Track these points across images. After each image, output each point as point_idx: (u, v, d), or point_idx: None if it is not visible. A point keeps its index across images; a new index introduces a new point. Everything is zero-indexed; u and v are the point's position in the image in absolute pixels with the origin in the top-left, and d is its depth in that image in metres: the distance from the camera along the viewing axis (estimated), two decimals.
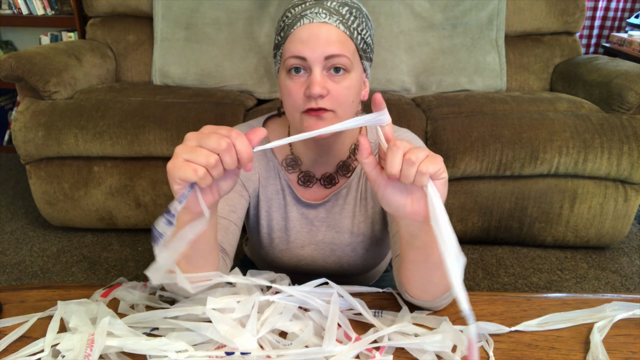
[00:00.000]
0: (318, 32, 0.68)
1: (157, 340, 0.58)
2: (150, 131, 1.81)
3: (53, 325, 0.63)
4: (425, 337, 0.60)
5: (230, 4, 2.23)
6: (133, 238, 2.04)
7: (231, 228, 0.76)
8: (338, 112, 0.71)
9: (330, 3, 0.70)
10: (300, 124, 0.72)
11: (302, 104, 0.70)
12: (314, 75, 0.68)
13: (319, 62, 0.68)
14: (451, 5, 2.23)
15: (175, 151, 0.51)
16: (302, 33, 0.68)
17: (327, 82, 0.69)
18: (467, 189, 1.86)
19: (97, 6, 2.30)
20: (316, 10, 0.69)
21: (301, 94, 0.69)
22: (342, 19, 0.69)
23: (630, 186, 1.84)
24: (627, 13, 2.99)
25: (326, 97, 0.69)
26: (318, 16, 0.68)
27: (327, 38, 0.68)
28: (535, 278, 1.81)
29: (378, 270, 1.02)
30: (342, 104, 0.71)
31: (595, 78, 1.99)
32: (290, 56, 0.69)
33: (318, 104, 0.68)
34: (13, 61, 1.82)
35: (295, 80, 0.70)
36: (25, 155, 1.89)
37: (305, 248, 0.88)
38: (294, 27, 0.69)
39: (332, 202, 0.85)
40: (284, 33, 0.71)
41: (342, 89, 0.70)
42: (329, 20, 0.68)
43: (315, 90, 0.67)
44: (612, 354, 0.61)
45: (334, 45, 0.68)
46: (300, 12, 0.69)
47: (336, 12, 0.69)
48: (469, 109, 1.90)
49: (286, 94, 0.72)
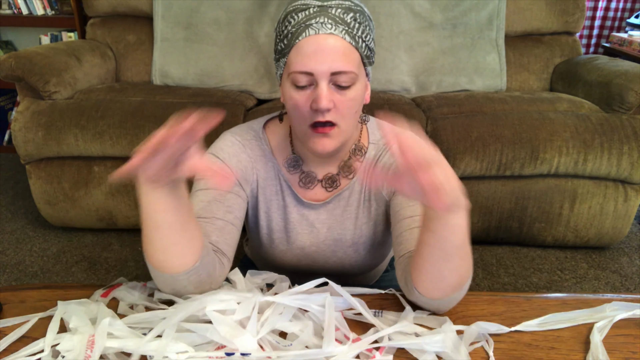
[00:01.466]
0: (324, 45, 0.67)
1: (158, 341, 0.58)
2: (150, 131, 1.79)
3: (53, 325, 0.63)
4: (425, 338, 0.60)
5: (230, 4, 2.23)
6: (133, 238, 2.04)
7: (227, 228, 0.76)
8: (342, 125, 0.71)
9: (335, 10, 0.68)
10: (306, 138, 0.73)
11: (309, 117, 0.70)
12: (320, 89, 0.68)
13: (326, 76, 0.68)
14: (451, 5, 2.23)
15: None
16: (308, 46, 0.67)
17: (333, 95, 0.69)
18: (467, 189, 1.83)
19: (97, 6, 2.30)
20: (321, 19, 0.67)
21: (307, 106, 0.70)
22: (347, 29, 0.68)
23: (630, 186, 1.84)
24: (627, 13, 2.99)
25: (332, 110, 0.69)
26: (324, 27, 0.67)
27: (334, 51, 0.67)
28: (535, 278, 1.81)
29: (378, 270, 1.02)
30: (346, 116, 0.71)
31: (595, 78, 1.99)
32: (296, 71, 0.69)
33: (325, 117, 0.69)
34: (13, 61, 1.82)
35: (301, 93, 0.70)
36: (25, 155, 1.89)
37: (305, 249, 0.88)
38: (299, 37, 0.68)
39: (333, 204, 0.85)
40: (287, 41, 0.70)
41: (347, 101, 0.70)
42: (335, 31, 0.67)
43: (323, 105, 0.67)
44: (612, 354, 0.61)
45: (340, 61, 0.67)
46: (304, 21, 0.68)
47: (342, 21, 0.68)
48: (469, 109, 1.90)
49: (292, 105, 0.71)
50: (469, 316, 0.68)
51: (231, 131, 0.85)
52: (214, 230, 0.74)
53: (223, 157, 0.81)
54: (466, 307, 0.70)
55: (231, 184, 0.52)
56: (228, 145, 0.82)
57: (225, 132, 0.85)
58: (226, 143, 0.82)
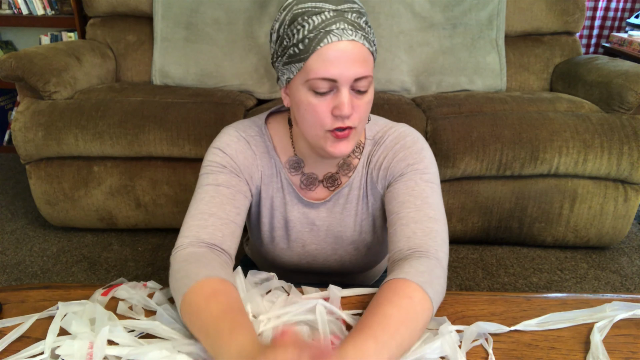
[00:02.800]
0: (349, 52, 0.67)
1: (158, 352, 0.58)
2: (150, 131, 1.81)
3: (54, 327, 0.63)
4: (425, 347, 0.60)
5: (230, 4, 2.23)
6: (133, 238, 2.04)
7: (237, 232, 0.76)
8: (358, 128, 0.73)
9: (350, 15, 0.68)
10: (323, 142, 0.72)
11: (330, 123, 0.70)
12: (343, 95, 0.68)
13: (348, 82, 0.68)
14: (451, 5, 2.23)
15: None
16: (331, 52, 0.66)
17: (353, 101, 0.70)
18: (467, 189, 1.86)
19: (97, 6, 2.30)
20: (342, 25, 0.66)
21: (328, 112, 0.70)
22: (364, 34, 0.68)
23: (630, 186, 1.84)
24: (627, 13, 2.99)
25: (352, 115, 0.70)
26: (345, 33, 0.66)
27: (356, 58, 0.67)
28: (535, 278, 1.81)
29: (379, 269, 1.02)
30: (363, 119, 0.73)
31: (595, 78, 1.99)
32: (318, 77, 0.67)
33: (345, 122, 0.70)
34: (13, 61, 1.82)
35: (321, 99, 0.69)
36: (25, 155, 1.89)
37: (306, 247, 0.88)
38: (320, 43, 0.66)
39: (333, 201, 0.85)
40: (304, 47, 0.67)
41: (365, 105, 0.71)
42: (356, 37, 0.67)
43: (347, 112, 0.68)
44: (612, 354, 0.61)
45: (361, 67, 0.68)
46: (323, 26, 0.66)
47: (359, 26, 0.68)
48: (469, 109, 1.90)
49: (310, 111, 0.70)
50: (469, 316, 0.68)
51: (235, 126, 0.84)
52: (228, 234, 0.74)
53: (230, 153, 0.80)
54: (466, 307, 0.70)
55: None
56: (234, 141, 0.81)
57: (228, 127, 0.84)
58: (232, 139, 0.82)
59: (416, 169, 0.77)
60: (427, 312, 0.62)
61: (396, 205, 0.76)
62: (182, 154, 1.85)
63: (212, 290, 0.62)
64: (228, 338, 0.55)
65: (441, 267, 0.69)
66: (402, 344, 0.58)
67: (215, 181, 0.77)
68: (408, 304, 0.61)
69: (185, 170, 1.91)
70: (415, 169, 0.77)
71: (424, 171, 0.77)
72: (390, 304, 0.61)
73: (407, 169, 0.78)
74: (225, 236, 0.74)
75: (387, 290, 0.64)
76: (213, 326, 0.58)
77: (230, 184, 0.78)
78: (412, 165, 0.78)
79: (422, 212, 0.73)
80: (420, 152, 0.79)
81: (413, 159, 0.78)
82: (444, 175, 1.81)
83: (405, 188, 0.76)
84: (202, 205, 0.75)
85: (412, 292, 0.62)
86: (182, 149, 1.84)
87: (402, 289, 0.63)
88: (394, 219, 0.75)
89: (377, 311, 0.60)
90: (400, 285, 0.63)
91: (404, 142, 0.80)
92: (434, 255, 0.69)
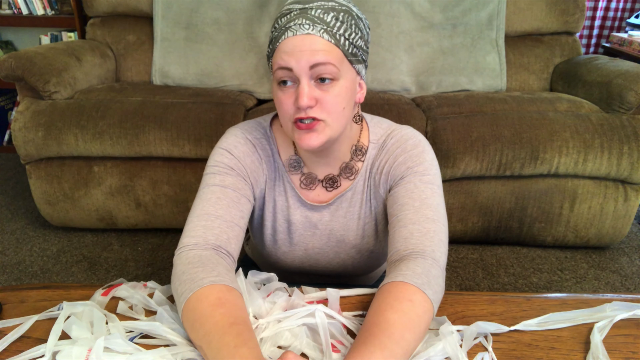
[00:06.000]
0: (301, 44, 0.68)
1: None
2: (150, 131, 1.81)
3: (56, 328, 0.63)
4: (429, 349, 0.60)
5: (230, 4, 2.23)
6: (133, 238, 2.04)
7: (240, 236, 0.76)
8: (328, 120, 0.72)
9: (315, 11, 0.69)
10: (292, 134, 0.73)
11: (293, 114, 0.71)
12: (301, 86, 0.69)
13: (305, 72, 0.69)
14: (451, 5, 2.23)
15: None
16: (286, 46, 0.69)
17: (315, 92, 0.70)
18: (467, 189, 1.86)
19: (97, 6, 2.30)
20: (300, 21, 0.68)
21: (291, 104, 0.71)
22: (326, 28, 0.69)
23: (630, 186, 1.84)
24: (627, 13, 2.99)
25: (315, 106, 0.70)
26: (302, 28, 0.68)
27: (311, 48, 0.68)
28: (535, 278, 1.81)
29: (380, 270, 1.02)
30: (332, 112, 0.71)
31: (595, 78, 1.99)
32: (277, 68, 0.70)
33: (307, 113, 0.70)
34: (13, 61, 1.82)
35: (285, 91, 0.71)
36: (25, 155, 1.89)
37: (308, 250, 0.88)
38: (279, 40, 0.70)
39: (336, 205, 0.84)
40: (272, 46, 0.72)
41: (331, 98, 0.70)
42: (312, 30, 0.68)
43: (303, 102, 0.68)
44: (612, 354, 0.61)
45: (318, 54, 0.68)
46: (285, 24, 0.70)
47: (320, 20, 0.69)
48: (469, 109, 1.90)
49: (278, 104, 0.73)
50: (469, 316, 0.68)
51: (240, 127, 0.84)
52: (233, 237, 0.74)
53: (238, 155, 0.80)
54: (466, 307, 0.70)
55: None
56: (241, 143, 0.81)
57: (234, 127, 0.84)
58: (239, 140, 0.82)
59: (416, 172, 0.77)
60: (428, 314, 0.62)
61: (396, 208, 0.76)
62: (182, 154, 1.85)
63: (218, 298, 0.61)
64: (231, 353, 0.54)
65: (438, 267, 0.68)
66: (408, 349, 0.58)
67: (222, 182, 0.77)
68: (409, 308, 0.61)
69: (185, 170, 1.91)
70: (415, 171, 0.77)
71: (423, 173, 0.77)
72: (392, 310, 0.60)
73: (407, 171, 0.78)
74: (230, 239, 0.74)
75: (386, 294, 0.63)
76: (217, 338, 0.57)
77: (236, 187, 0.78)
78: (412, 168, 0.78)
79: (420, 214, 0.73)
80: (421, 154, 0.79)
81: (413, 161, 0.78)
82: (444, 175, 1.81)
83: (405, 191, 0.76)
84: (208, 205, 0.75)
85: (412, 295, 0.62)
86: (182, 149, 1.84)
87: (402, 292, 0.62)
88: (393, 221, 0.75)
89: (380, 318, 0.59)
90: (400, 289, 0.63)
91: (404, 146, 0.80)
92: (430, 256, 0.69)
